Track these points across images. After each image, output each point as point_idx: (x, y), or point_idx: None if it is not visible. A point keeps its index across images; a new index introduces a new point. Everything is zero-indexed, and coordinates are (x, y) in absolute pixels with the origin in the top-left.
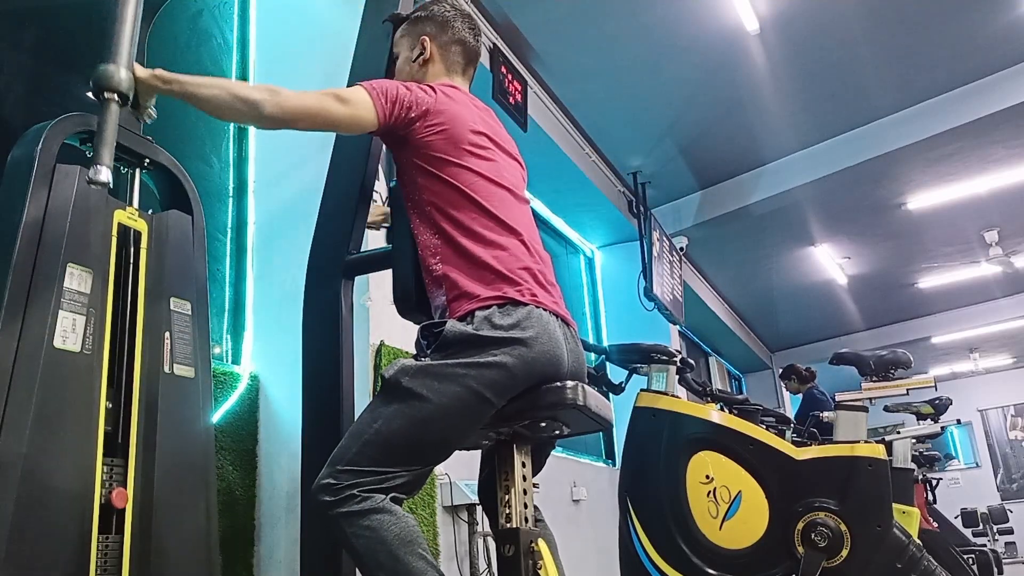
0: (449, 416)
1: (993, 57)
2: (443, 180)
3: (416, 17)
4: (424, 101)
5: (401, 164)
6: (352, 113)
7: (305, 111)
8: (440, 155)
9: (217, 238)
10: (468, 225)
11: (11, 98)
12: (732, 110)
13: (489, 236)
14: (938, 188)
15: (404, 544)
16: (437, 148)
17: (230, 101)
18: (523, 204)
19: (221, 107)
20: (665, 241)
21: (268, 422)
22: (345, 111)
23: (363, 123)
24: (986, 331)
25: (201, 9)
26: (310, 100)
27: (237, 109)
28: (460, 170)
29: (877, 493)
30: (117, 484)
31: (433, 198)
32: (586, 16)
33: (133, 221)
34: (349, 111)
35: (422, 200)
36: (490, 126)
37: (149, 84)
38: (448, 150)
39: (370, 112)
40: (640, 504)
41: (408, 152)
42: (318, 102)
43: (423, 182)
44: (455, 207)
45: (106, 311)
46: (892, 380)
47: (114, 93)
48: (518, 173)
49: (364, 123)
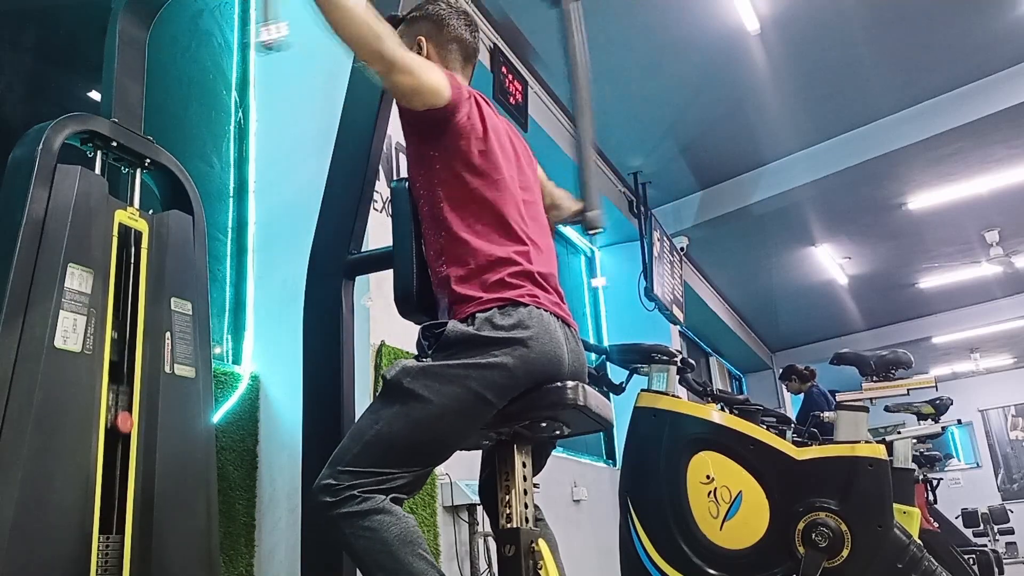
0: (450, 417)
1: (993, 57)
2: (458, 177)
3: (412, 17)
4: (464, 91)
5: (421, 159)
6: (439, 82)
7: (411, 66)
8: (463, 151)
9: (218, 238)
10: (475, 226)
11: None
12: (732, 110)
13: (495, 238)
14: (939, 188)
15: (404, 544)
16: (463, 143)
17: (360, 20)
18: (534, 204)
19: (350, 21)
20: (666, 241)
21: (268, 422)
22: (437, 78)
23: (442, 95)
24: (987, 331)
25: (201, 9)
26: (416, 59)
27: (362, 31)
28: (476, 168)
29: (878, 493)
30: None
31: (447, 193)
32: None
33: (134, 221)
34: (438, 79)
35: (434, 197)
36: (505, 124)
37: None
38: (470, 147)
39: (447, 87)
40: (641, 504)
41: (436, 143)
42: (421, 63)
43: (440, 178)
44: (464, 206)
45: (107, 311)
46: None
47: None
48: (530, 173)
49: (443, 96)
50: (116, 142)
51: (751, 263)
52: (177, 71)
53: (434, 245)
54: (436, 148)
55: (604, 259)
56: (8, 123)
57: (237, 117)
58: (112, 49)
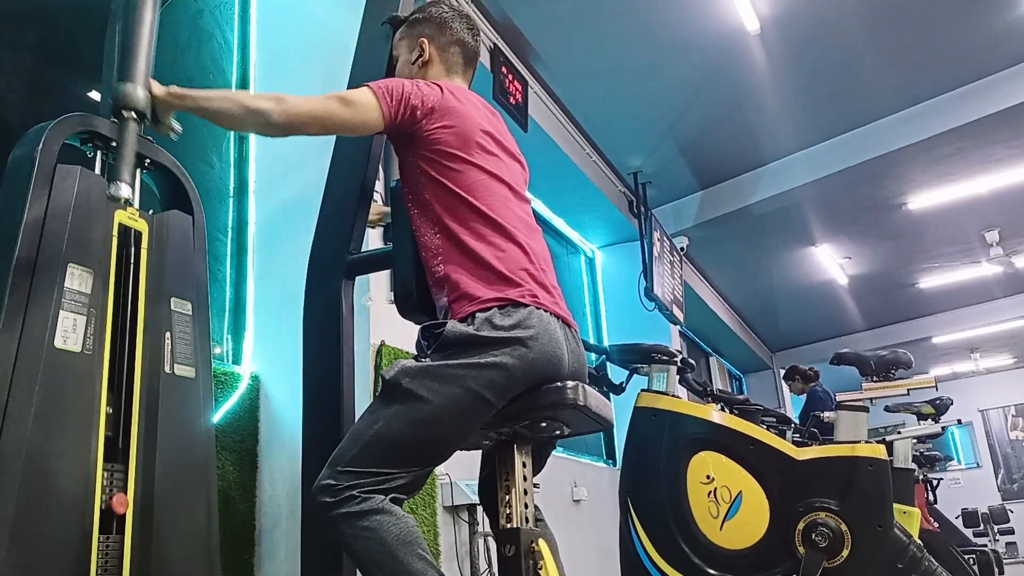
0: (449, 417)
1: (993, 57)
2: (447, 179)
3: (414, 19)
4: (431, 98)
5: (405, 163)
6: (358, 115)
7: (311, 116)
8: (446, 153)
9: (218, 238)
10: (470, 225)
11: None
12: (733, 110)
13: (490, 237)
14: (939, 188)
15: (404, 545)
16: (443, 146)
17: (240, 112)
18: (525, 204)
19: (233, 119)
20: (666, 241)
21: (268, 422)
22: (350, 113)
23: (370, 124)
24: (987, 331)
25: (201, 9)
26: (315, 105)
27: (247, 120)
28: (465, 169)
29: (878, 493)
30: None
31: (436, 198)
32: (586, 16)
33: (134, 221)
34: (354, 113)
35: (425, 200)
36: (496, 126)
37: (165, 101)
38: (454, 149)
39: (375, 113)
40: (641, 504)
41: (413, 151)
42: (323, 107)
43: (427, 181)
44: (457, 207)
45: (107, 311)
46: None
47: (131, 111)
48: (520, 174)
49: (371, 124)
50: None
51: (751, 263)
52: (177, 71)
53: (430, 246)
54: (415, 156)
55: (604, 259)
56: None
57: None
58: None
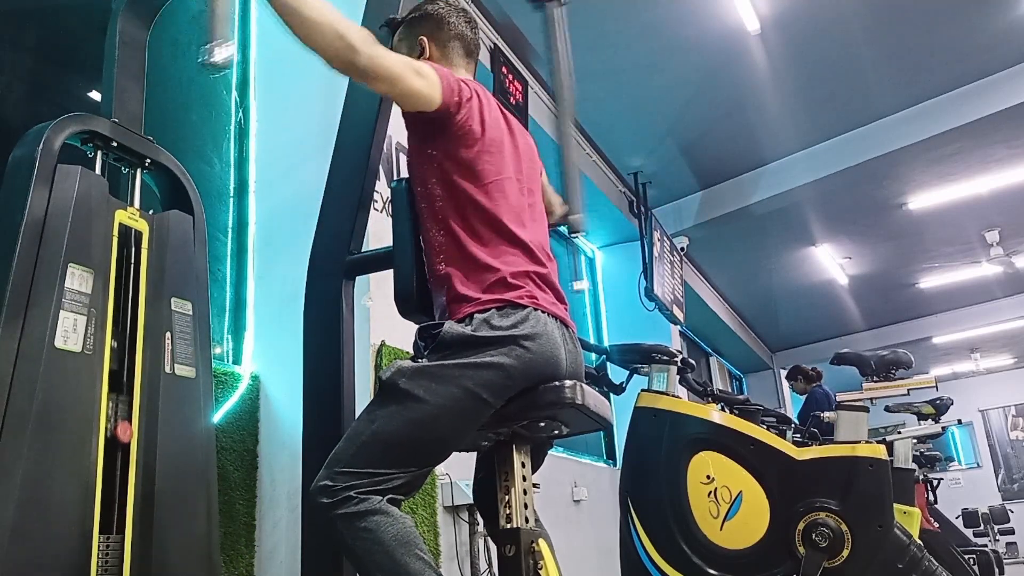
0: (446, 417)
1: (993, 57)
2: (457, 178)
3: (412, 18)
4: (465, 92)
5: (423, 156)
6: (426, 88)
7: (390, 72)
8: (461, 152)
9: (218, 238)
10: (475, 226)
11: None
12: (733, 110)
13: (494, 238)
14: (939, 188)
15: (402, 545)
16: (462, 144)
17: (328, 30)
18: (535, 205)
19: (316, 31)
20: (666, 241)
21: (269, 422)
22: (422, 84)
23: (431, 99)
24: (987, 331)
25: (201, 9)
26: (396, 64)
27: (331, 42)
28: (475, 170)
29: (878, 493)
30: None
31: (447, 194)
32: (586, 16)
33: (134, 221)
34: (424, 84)
35: (435, 195)
36: (509, 121)
37: None
38: (470, 148)
39: (437, 91)
40: (641, 504)
41: (435, 143)
42: (402, 69)
43: (440, 177)
44: (463, 207)
45: (107, 311)
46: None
47: None
48: (533, 172)
49: (432, 99)
50: (116, 142)
51: (751, 263)
52: (177, 71)
53: (434, 244)
54: (435, 147)
55: (604, 259)
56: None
57: (237, 117)
58: (112, 49)
